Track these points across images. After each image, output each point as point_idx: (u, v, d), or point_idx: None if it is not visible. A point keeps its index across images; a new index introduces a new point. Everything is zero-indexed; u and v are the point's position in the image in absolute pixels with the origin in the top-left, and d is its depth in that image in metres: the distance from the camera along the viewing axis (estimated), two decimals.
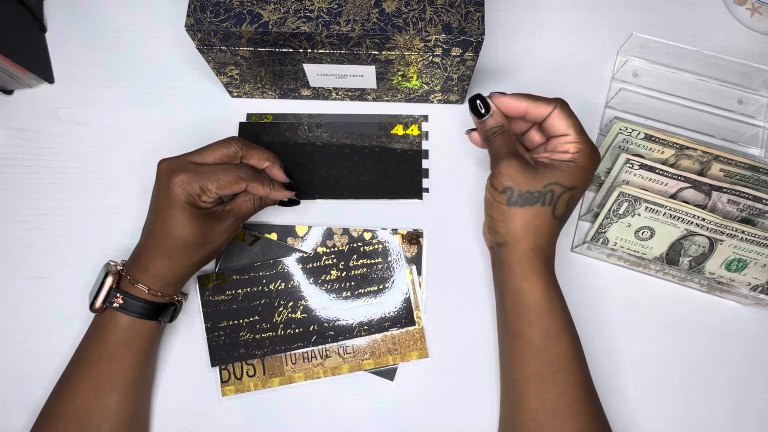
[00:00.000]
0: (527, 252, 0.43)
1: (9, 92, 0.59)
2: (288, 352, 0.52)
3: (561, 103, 0.44)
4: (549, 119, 0.44)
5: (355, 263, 0.53)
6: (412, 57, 0.49)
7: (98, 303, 0.45)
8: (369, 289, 0.53)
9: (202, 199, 0.45)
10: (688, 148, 0.50)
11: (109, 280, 0.46)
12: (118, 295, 0.45)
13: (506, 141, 0.44)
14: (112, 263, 0.47)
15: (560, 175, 0.43)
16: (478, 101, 0.44)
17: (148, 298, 0.46)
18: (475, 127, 0.47)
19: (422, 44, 0.47)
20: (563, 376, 0.42)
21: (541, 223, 0.43)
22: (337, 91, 0.57)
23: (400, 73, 0.52)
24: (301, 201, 0.55)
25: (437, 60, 0.49)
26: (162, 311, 0.47)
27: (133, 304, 0.45)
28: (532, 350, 0.43)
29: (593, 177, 0.45)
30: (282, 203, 0.52)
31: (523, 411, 0.43)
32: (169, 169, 0.45)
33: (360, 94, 0.57)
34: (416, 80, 0.53)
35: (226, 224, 0.47)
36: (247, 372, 0.51)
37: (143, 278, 0.46)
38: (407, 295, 0.53)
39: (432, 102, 0.58)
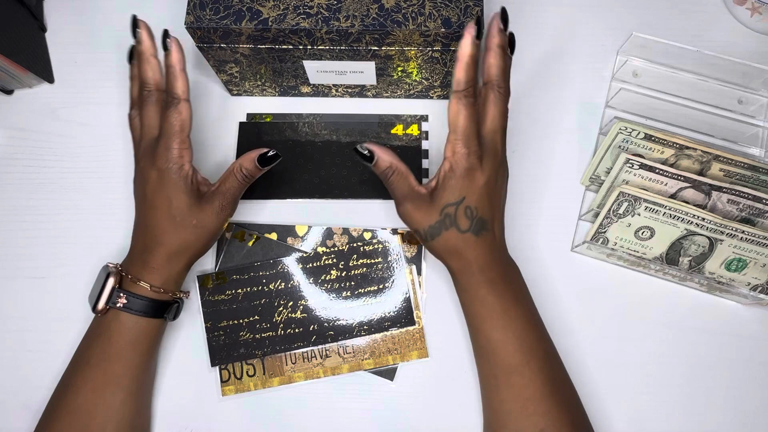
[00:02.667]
0: (458, 270, 0.45)
1: (9, 92, 0.59)
2: (288, 352, 0.52)
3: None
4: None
5: (355, 263, 0.53)
6: (412, 52, 0.49)
7: (101, 304, 0.45)
8: (369, 288, 0.53)
9: (184, 159, 0.45)
10: (688, 147, 0.50)
11: (112, 281, 0.45)
12: (122, 294, 0.45)
13: (398, 183, 0.45)
14: (111, 265, 0.47)
15: (446, 194, 0.43)
16: (366, 151, 0.45)
17: (151, 295, 0.46)
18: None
19: (422, 39, 0.47)
20: (515, 378, 0.43)
21: (456, 244, 0.44)
22: (337, 88, 0.57)
23: (399, 68, 0.52)
24: (302, 201, 0.55)
25: (437, 55, 0.49)
26: (165, 309, 0.47)
27: (136, 303, 0.45)
28: (483, 354, 0.45)
29: (488, 178, 0.43)
30: (262, 163, 0.48)
31: (488, 411, 0.46)
32: (148, 159, 0.46)
33: (360, 91, 0.57)
34: (416, 75, 0.53)
35: (216, 205, 0.46)
36: (247, 372, 0.51)
37: (143, 274, 0.46)
38: (407, 295, 0.53)
39: (432, 98, 0.58)
